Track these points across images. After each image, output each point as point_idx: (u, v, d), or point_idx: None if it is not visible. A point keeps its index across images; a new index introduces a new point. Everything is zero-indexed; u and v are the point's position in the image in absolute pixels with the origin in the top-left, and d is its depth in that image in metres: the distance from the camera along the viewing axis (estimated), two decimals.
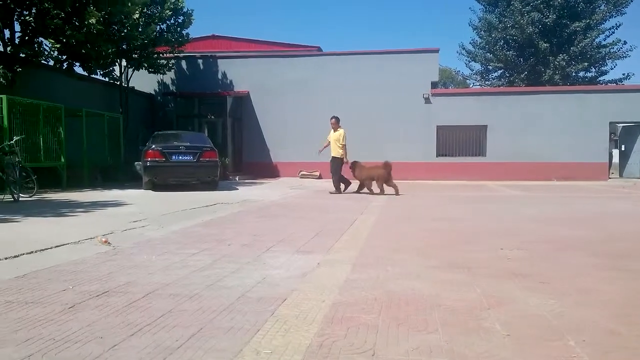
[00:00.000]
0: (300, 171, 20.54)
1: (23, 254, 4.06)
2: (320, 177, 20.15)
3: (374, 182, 11.69)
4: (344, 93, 20.00)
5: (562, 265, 3.84)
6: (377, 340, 2.19)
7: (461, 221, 6.71)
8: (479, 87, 32.32)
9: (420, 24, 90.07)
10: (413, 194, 12.18)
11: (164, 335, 2.24)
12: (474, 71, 32.70)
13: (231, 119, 20.49)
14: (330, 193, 11.74)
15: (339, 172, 12.13)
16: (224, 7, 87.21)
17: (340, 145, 12.06)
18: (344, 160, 12.10)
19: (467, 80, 36.65)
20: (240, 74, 21.04)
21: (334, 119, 12.46)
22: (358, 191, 11.96)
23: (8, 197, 9.35)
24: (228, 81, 21.25)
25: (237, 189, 13.45)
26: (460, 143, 19.88)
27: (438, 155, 19.76)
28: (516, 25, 27.20)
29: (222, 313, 2.56)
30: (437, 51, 19.97)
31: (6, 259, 3.89)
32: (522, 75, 28.62)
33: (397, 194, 11.26)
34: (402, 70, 19.67)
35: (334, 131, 12.27)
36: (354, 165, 11.90)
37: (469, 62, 31.92)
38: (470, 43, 31.50)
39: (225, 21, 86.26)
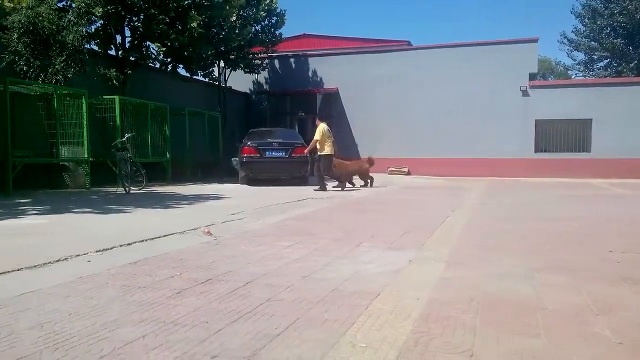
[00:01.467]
0: (389, 167, 20.37)
1: (135, 242, 4.43)
2: (409, 173, 19.87)
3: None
4: (435, 87, 19.53)
5: None
6: (476, 341, 2.13)
7: (564, 221, 6.30)
8: (582, 77, 30.12)
9: (515, 13, 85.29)
10: (508, 191, 11.61)
11: (264, 322, 2.34)
12: (577, 61, 30.56)
13: (321, 115, 20.78)
14: (315, 190, 10.99)
15: (329, 168, 11.69)
16: (314, 6, 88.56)
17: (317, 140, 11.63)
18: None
19: (569, 71, 34.33)
20: (330, 71, 21.27)
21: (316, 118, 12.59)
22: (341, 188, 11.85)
23: (120, 190, 10.26)
24: (318, 79, 21.57)
25: (326, 184, 13.64)
26: (562, 138, 18.62)
27: (537, 151, 18.66)
28: (624, 11, 24.97)
29: (317, 305, 2.63)
30: (536, 41, 18.86)
31: (121, 246, 4.27)
32: (632, 65, 26.21)
33: (370, 185, 12.52)
34: (497, 62, 18.80)
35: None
36: (337, 161, 12.04)
37: (571, 51, 29.87)
38: (572, 31, 29.46)
39: (315, 20, 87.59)
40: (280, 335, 2.18)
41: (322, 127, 11.61)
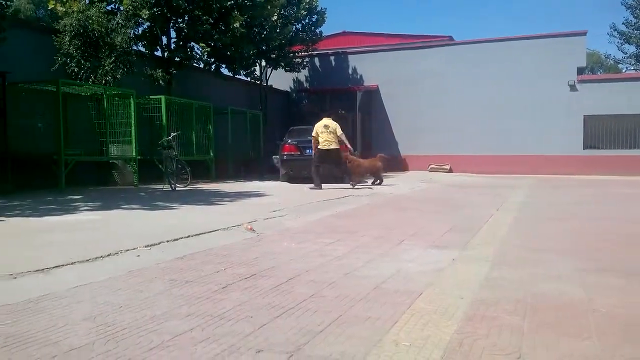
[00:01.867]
0: (430, 164, 20.12)
1: (181, 238, 4.55)
2: (450, 171, 19.56)
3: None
4: (478, 83, 19.14)
5: None
6: (523, 343, 2.08)
7: (615, 221, 6.05)
8: (633, 71, 28.74)
9: (562, 6, 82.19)
10: (555, 189, 11.24)
11: (307, 318, 2.37)
12: (628, 54, 29.21)
13: (361, 113, 20.73)
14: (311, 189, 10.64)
15: (320, 164, 11.19)
16: (354, 3, 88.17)
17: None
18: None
19: (619, 65, 32.87)
20: (370, 69, 21.17)
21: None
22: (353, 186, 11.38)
23: (167, 187, 10.56)
24: (358, 76, 21.52)
25: (367, 182, 13.59)
26: (612, 134, 17.89)
27: (585, 147, 17.99)
28: None
29: (360, 302, 2.63)
30: (584, 34, 18.17)
31: (168, 241, 4.39)
32: None
33: (379, 184, 12.18)
34: (543, 56, 18.24)
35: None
36: (350, 158, 11.81)
37: (622, 44, 28.60)
38: (623, 23, 28.19)
39: (355, 17, 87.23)
40: (324, 331, 2.19)
41: (318, 123, 11.27)
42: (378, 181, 12.35)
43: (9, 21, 9.66)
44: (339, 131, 11.15)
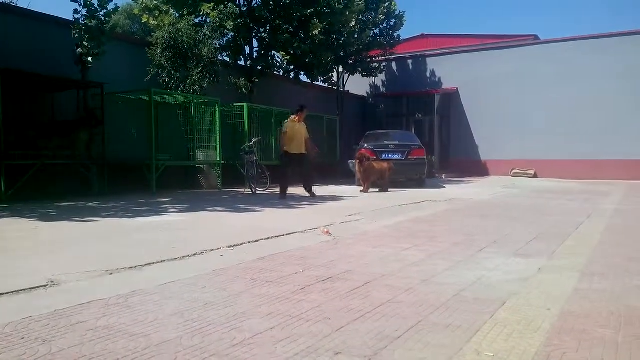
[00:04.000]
0: (513, 169, 19.27)
1: (262, 239, 4.70)
2: (535, 176, 18.61)
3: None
4: (565, 83, 18.09)
5: None
6: (617, 358, 1.94)
7: None
8: None
9: None
10: None
11: (384, 323, 2.36)
12: None
13: (439, 116, 20.30)
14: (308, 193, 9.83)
15: (289, 169, 10.00)
16: (433, 5, 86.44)
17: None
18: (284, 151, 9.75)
19: None
20: (449, 71, 20.68)
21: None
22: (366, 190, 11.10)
23: (247, 191, 10.96)
24: (436, 79, 21.10)
25: (445, 187, 13.27)
26: None
27: None
28: None
29: (439, 309, 2.57)
30: None
31: (249, 242, 4.56)
32: None
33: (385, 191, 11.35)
34: (637, 52, 16.85)
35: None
36: (365, 161, 11.14)
37: None
38: None
39: (434, 19, 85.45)
40: (402, 337, 2.17)
41: (289, 119, 9.91)
42: (384, 188, 11.50)
43: (108, 36, 10.50)
44: (307, 134, 9.89)
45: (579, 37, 18.67)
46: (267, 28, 14.12)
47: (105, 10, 10.42)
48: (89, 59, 10.14)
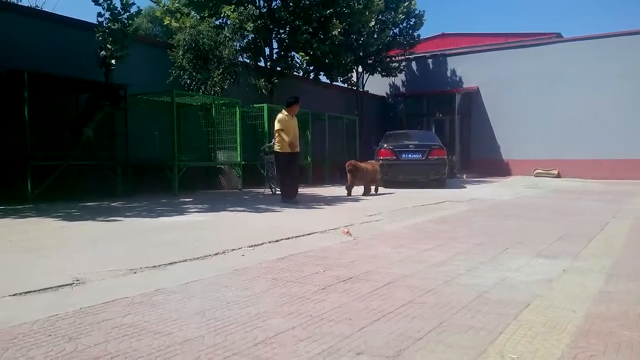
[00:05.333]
0: (535, 169, 18.98)
1: (282, 239, 4.72)
2: (558, 176, 18.30)
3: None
4: (589, 82, 17.74)
5: None
6: None
7: None
8: None
9: None
10: None
11: (406, 324, 2.34)
12: None
13: (459, 116, 20.11)
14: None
15: (285, 172, 8.70)
16: (454, 3, 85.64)
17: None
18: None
19: None
20: (470, 70, 20.48)
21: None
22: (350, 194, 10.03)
23: (267, 191, 11.01)
24: (457, 78, 20.91)
25: (465, 187, 13.14)
26: None
27: None
28: None
29: (461, 310, 2.55)
30: None
31: (269, 242, 4.58)
32: None
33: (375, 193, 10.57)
34: None
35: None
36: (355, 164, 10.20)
37: None
38: None
39: (455, 18, 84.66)
40: (424, 338, 2.16)
41: (279, 116, 8.74)
42: (373, 191, 10.72)
43: (131, 39, 10.67)
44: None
45: (603, 35, 18.27)
46: (287, 29, 14.18)
47: (128, 14, 10.58)
48: (113, 61, 10.31)
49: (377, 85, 21.22)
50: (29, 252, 4.20)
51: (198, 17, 13.25)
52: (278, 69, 14.64)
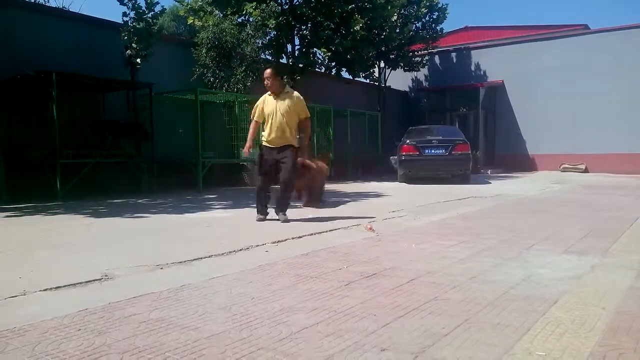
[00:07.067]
0: (562, 164, 18.60)
1: (305, 235, 4.74)
2: (586, 171, 17.90)
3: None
4: (618, 74, 17.26)
5: None
6: None
7: None
8: None
9: None
10: None
11: (431, 320, 2.33)
12: None
13: (483, 110, 19.81)
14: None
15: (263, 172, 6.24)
16: None
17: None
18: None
19: None
20: (494, 64, 20.15)
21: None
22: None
23: None
24: (481, 72, 20.60)
25: (490, 183, 12.97)
26: None
27: None
28: None
29: (487, 307, 2.52)
30: None
31: (293, 238, 4.60)
32: None
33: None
34: None
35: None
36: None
37: None
38: None
39: (478, 10, 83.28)
40: (449, 335, 2.14)
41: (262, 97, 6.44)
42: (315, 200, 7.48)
43: (155, 38, 10.81)
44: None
45: (631, 26, 17.75)
46: (309, 25, 14.16)
47: (152, 13, 10.72)
48: (138, 60, 10.46)
49: (399, 80, 21.06)
50: (59, 248, 4.31)
51: (221, 15, 13.33)
52: (300, 65, 14.64)
